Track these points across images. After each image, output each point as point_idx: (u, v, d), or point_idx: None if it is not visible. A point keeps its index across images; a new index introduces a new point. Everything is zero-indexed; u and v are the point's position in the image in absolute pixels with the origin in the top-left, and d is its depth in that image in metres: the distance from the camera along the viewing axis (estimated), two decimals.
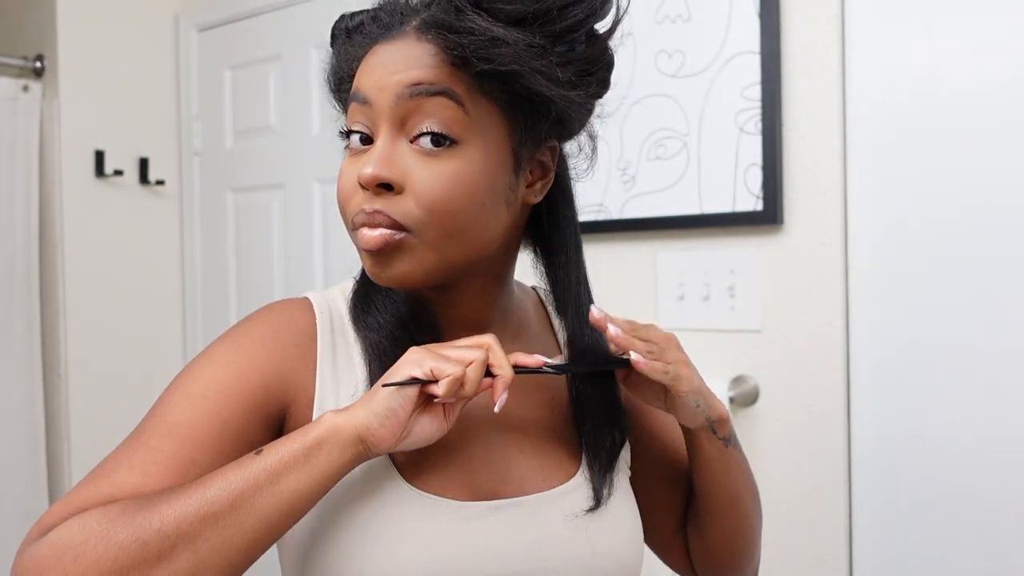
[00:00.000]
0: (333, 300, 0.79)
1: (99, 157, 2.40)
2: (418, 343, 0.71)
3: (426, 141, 0.67)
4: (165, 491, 0.62)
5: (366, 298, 0.77)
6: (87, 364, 2.38)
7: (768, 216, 1.56)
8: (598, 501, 0.75)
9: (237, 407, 0.69)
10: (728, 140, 1.61)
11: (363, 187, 0.68)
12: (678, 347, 0.74)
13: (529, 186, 0.74)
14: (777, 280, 1.58)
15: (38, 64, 2.35)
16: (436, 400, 0.66)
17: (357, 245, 0.70)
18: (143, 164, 2.51)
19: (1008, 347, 1.35)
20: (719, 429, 0.76)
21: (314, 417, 0.71)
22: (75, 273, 2.36)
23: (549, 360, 0.71)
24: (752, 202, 1.58)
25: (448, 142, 0.67)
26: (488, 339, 0.67)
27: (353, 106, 0.71)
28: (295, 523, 0.64)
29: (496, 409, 0.66)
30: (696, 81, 1.64)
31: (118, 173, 2.43)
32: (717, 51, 1.62)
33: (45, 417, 2.35)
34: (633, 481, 0.85)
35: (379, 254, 0.68)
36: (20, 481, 2.28)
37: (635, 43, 1.72)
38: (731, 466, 0.80)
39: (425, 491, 0.70)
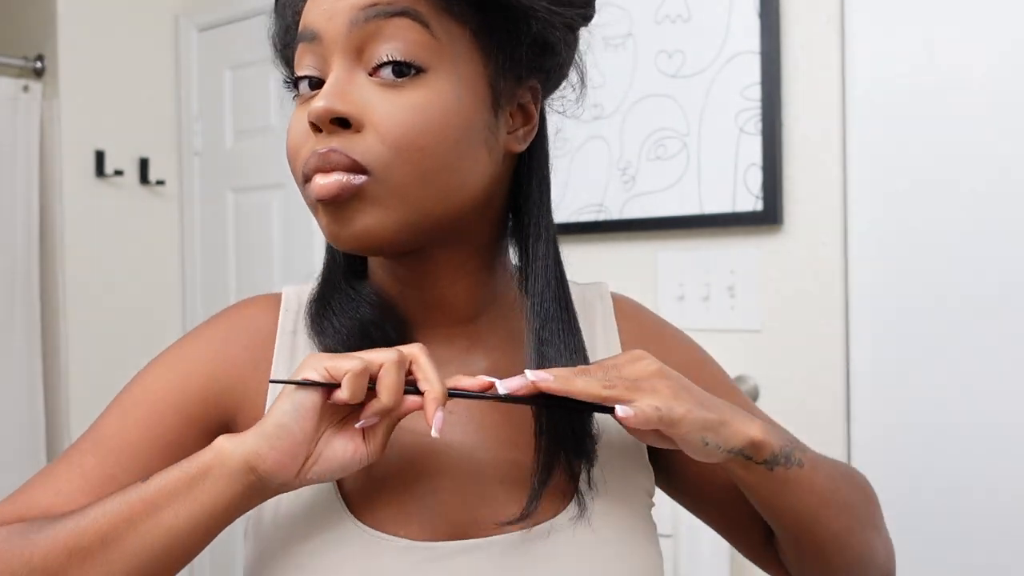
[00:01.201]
0: (307, 294, 0.69)
1: (99, 157, 2.40)
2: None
3: (387, 72, 0.57)
4: (57, 517, 0.57)
5: (323, 299, 0.66)
6: (87, 364, 2.38)
7: (768, 216, 1.56)
8: (528, 523, 0.61)
9: (170, 419, 0.62)
10: (728, 140, 1.61)
11: (315, 127, 0.58)
12: (659, 375, 0.58)
13: (511, 132, 0.63)
14: (777, 280, 1.58)
15: (38, 64, 2.35)
16: (359, 424, 0.55)
17: (310, 201, 0.60)
18: (143, 164, 2.51)
19: (1008, 346, 1.35)
20: (755, 455, 0.59)
21: None
22: (75, 273, 2.37)
23: (503, 386, 0.57)
24: (752, 202, 1.58)
25: (413, 71, 0.57)
26: (413, 348, 0.56)
27: (300, 48, 0.61)
28: (186, 561, 0.56)
29: (433, 433, 0.54)
30: (696, 81, 1.64)
31: (118, 173, 2.43)
32: (717, 51, 1.62)
33: (45, 417, 2.36)
34: (696, 504, 0.75)
35: (335, 205, 0.57)
36: (20, 480, 2.27)
37: (635, 43, 1.72)
38: (788, 488, 0.62)
39: (374, 528, 0.59)
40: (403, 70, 0.57)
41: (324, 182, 0.57)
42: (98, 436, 0.62)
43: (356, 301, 0.65)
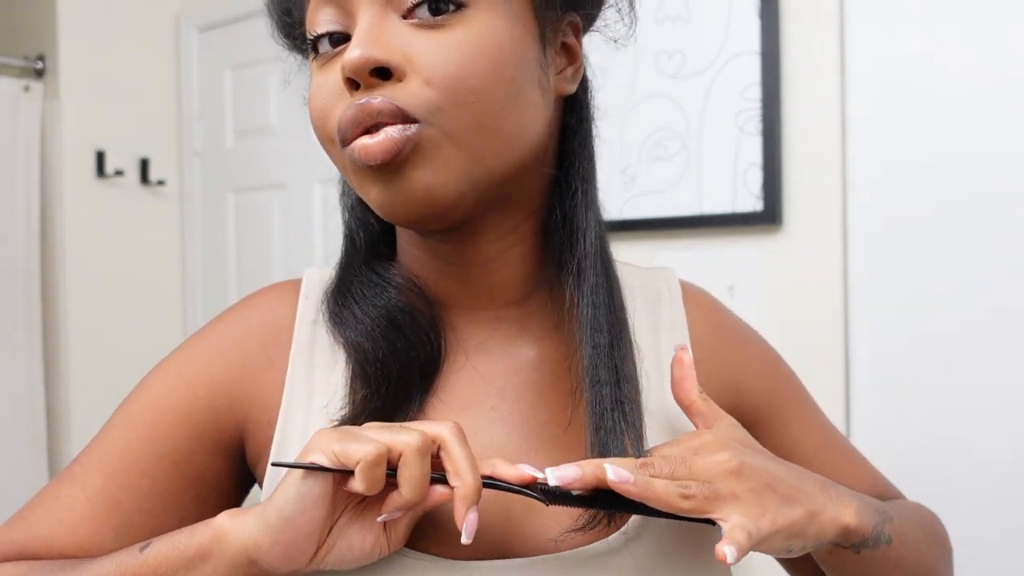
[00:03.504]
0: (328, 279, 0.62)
1: (100, 157, 2.40)
2: (410, 340, 0.55)
3: (424, 11, 0.50)
4: (53, 568, 0.53)
5: (342, 286, 0.59)
6: (88, 364, 2.39)
7: (768, 216, 1.56)
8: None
9: (177, 433, 0.57)
10: (728, 140, 1.61)
11: (350, 84, 0.50)
12: (736, 475, 0.50)
13: (558, 73, 0.57)
14: (777, 280, 1.58)
15: (39, 64, 2.35)
16: (380, 518, 0.48)
17: (354, 168, 0.52)
18: (144, 164, 2.51)
19: (1007, 346, 1.35)
20: (844, 541, 0.54)
21: (275, 439, 0.56)
22: (76, 273, 2.37)
23: (554, 475, 0.48)
24: (752, 202, 1.58)
25: (453, 6, 0.50)
26: (441, 429, 0.48)
27: (313, 3, 0.54)
28: None
29: (464, 540, 0.46)
30: (696, 81, 1.64)
31: (119, 173, 2.43)
32: (717, 51, 1.62)
33: (46, 417, 2.36)
34: None
35: (390, 168, 0.50)
36: (21, 481, 2.28)
37: (635, 43, 1.71)
38: (873, 567, 0.57)
39: (406, 546, 0.52)
40: (441, 6, 0.50)
41: (372, 142, 0.49)
42: (103, 452, 0.57)
43: (380, 286, 0.58)
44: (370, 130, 0.50)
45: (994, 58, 1.36)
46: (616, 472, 0.47)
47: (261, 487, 0.58)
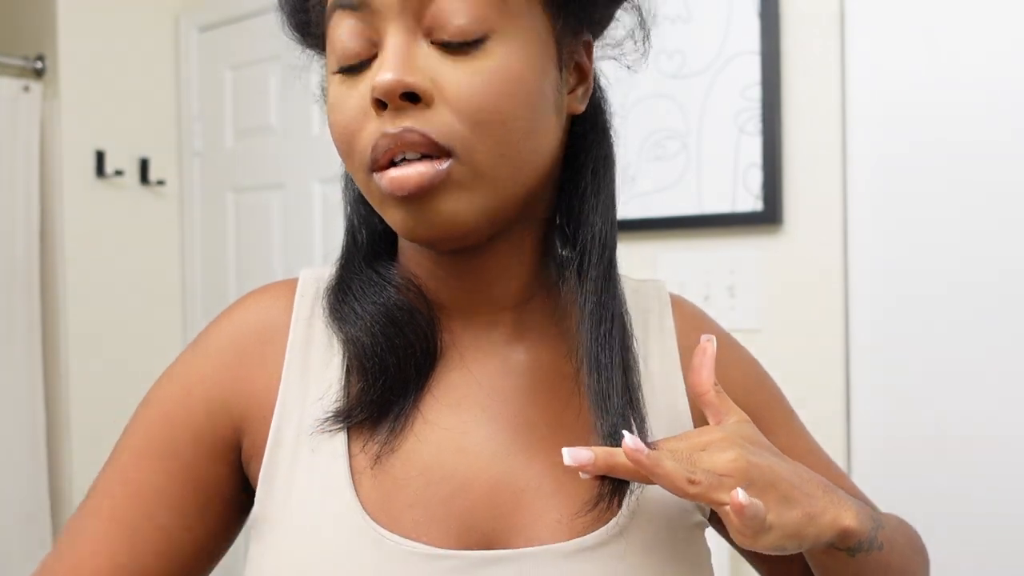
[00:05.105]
0: (326, 279, 0.63)
1: (100, 157, 2.40)
2: (408, 337, 0.57)
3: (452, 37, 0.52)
4: None
5: (343, 283, 0.60)
6: (87, 364, 2.38)
7: (768, 216, 1.56)
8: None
9: (181, 439, 0.58)
10: (728, 140, 1.61)
11: (378, 105, 0.51)
12: (744, 476, 0.49)
13: (570, 92, 0.58)
14: (777, 280, 1.58)
15: (39, 64, 2.35)
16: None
17: (380, 194, 0.53)
18: (143, 164, 2.51)
19: (1007, 346, 1.35)
20: (840, 543, 0.54)
21: (270, 435, 0.57)
22: (76, 273, 2.37)
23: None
24: (752, 202, 1.58)
25: (480, 34, 0.51)
26: None
27: (337, 16, 0.54)
28: None
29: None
30: (696, 81, 1.64)
31: (119, 173, 2.43)
32: (717, 51, 1.62)
33: (46, 417, 2.36)
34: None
35: (418, 199, 0.51)
36: (20, 481, 2.28)
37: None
38: (865, 571, 0.58)
39: (395, 533, 0.53)
40: (469, 34, 0.51)
41: (401, 175, 0.51)
42: (116, 475, 0.58)
43: (380, 285, 0.59)
44: (399, 161, 0.51)
45: (994, 58, 1.36)
46: (633, 440, 0.48)
47: (254, 487, 0.58)
